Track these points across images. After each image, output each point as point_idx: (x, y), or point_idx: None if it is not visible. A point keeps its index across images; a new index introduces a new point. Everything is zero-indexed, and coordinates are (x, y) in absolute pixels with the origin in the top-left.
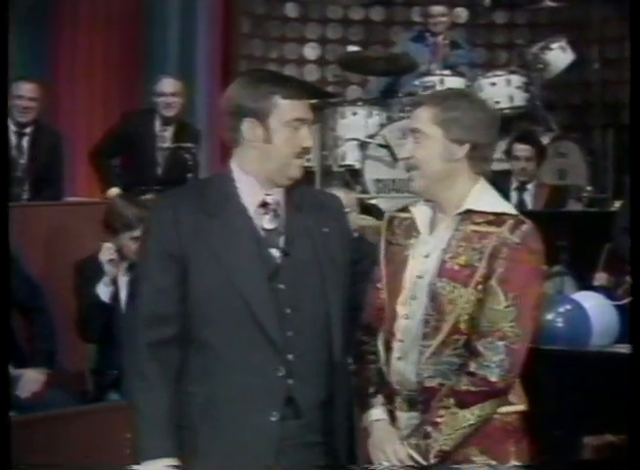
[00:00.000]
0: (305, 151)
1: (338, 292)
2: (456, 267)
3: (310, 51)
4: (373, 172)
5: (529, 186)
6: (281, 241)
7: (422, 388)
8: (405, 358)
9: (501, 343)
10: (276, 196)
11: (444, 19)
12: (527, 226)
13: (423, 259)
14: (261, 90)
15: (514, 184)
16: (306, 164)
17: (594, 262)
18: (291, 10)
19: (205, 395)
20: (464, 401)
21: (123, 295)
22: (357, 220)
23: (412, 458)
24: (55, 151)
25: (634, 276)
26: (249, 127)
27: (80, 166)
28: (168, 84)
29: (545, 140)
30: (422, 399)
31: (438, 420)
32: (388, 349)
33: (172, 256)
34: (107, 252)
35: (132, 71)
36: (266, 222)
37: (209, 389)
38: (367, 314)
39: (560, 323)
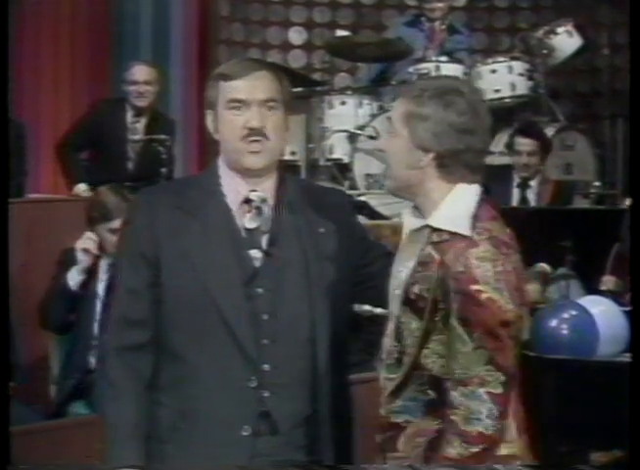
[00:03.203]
0: (252, 133)
1: (329, 297)
2: (412, 296)
3: (296, 35)
4: (363, 167)
5: (533, 182)
6: (263, 241)
7: (387, 424)
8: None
9: (482, 390)
10: (262, 193)
11: (442, 4)
12: (476, 249)
13: (395, 274)
14: (212, 79)
15: (515, 180)
16: (291, 157)
17: (602, 265)
18: None
19: (174, 406)
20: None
21: (101, 290)
22: None
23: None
24: (17, 144)
25: (634, 282)
26: (209, 120)
27: (45, 161)
28: (141, 71)
29: (550, 132)
30: (388, 437)
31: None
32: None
33: (144, 257)
34: (84, 241)
35: (101, 58)
36: (247, 221)
37: (179, 400)
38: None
39: (564, 330)
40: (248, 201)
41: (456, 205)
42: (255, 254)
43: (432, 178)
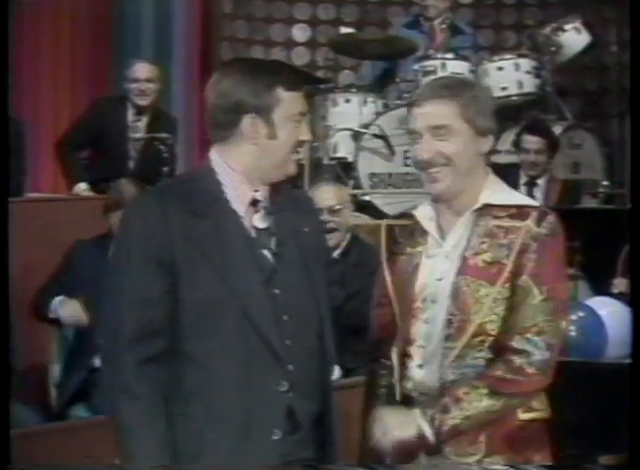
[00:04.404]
0: (302, 145)
1: (326, 294)
2: (481, 264)
3: (299, 32)
4: (367, 166)
5: (540, 181)
6: (272, 242)
7: (448, 393)
8: (427, 365)
9: (538, 338)
10: (264, 193)
11: (438, 3)
12: (552, 217)
13: (441, 261)
14: (262, 83)
15: (523, 179)
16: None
17: (611, 265)
18: None
19: (201, 416)
20: (495, 387)
21: None
22: (351, 219)
23: (419, 433)
24: (16, 142)
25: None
26: (249, 124)
27: (45, 160)
28: (142, 69)
29: (557, 130)
30: (447, 405)
31: (462, 396)
32: (405, 357)
33: (162, 262)
34: None
35: (102, 55)
36: (258, 221)
37: (207, 410)
38: (375, 333)
39: (572, 332)
40: (254, 202)
41: (502, 184)
42: (267, 254)
43: (480, 164)
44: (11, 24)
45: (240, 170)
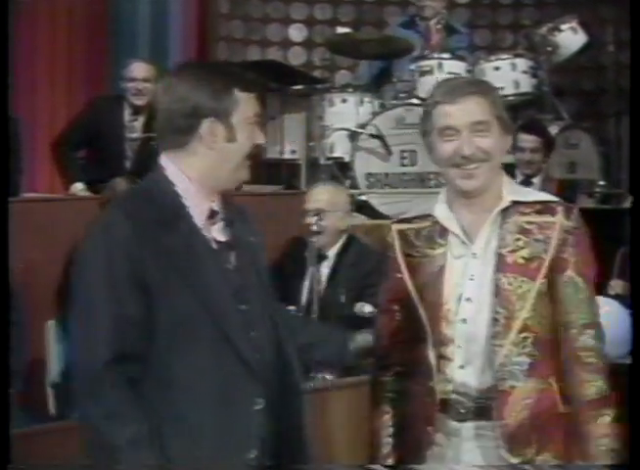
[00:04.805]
0: (258, 148)
1: (276, 305)
2: (520, 261)
3: (296, 32)
4: (364, 166)
5: (535, 180)
6: (232, 256)
7: (495, 392)
8: (469, 365)
9: (598, 331)
10: (218, 203)
11: (435, 3)
12: (576, 210)
13: (471, 260)
14: (219, 86)
15: (518, 178)
16: (291, 156)
17: (606, 265)
18: None
19: (179, 436)
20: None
21: None
22: (345, 221)
23: None
24: (13, 141)
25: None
26: (208, 128)
27: (41, 160)
28: (139, 69)
29: (554, 130)
30: (493, 406)
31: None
32: (441, 360)
33: (138, 279)
34: None
35: (98, 55)
36: (217, 233)
37: (185, 430)
38: (384, 339)
39: None
40: (213, 213)
41: (515, 183)
42: (231, 268)
43: (499, 163)
44: (10, 24)
45: (196, 178)
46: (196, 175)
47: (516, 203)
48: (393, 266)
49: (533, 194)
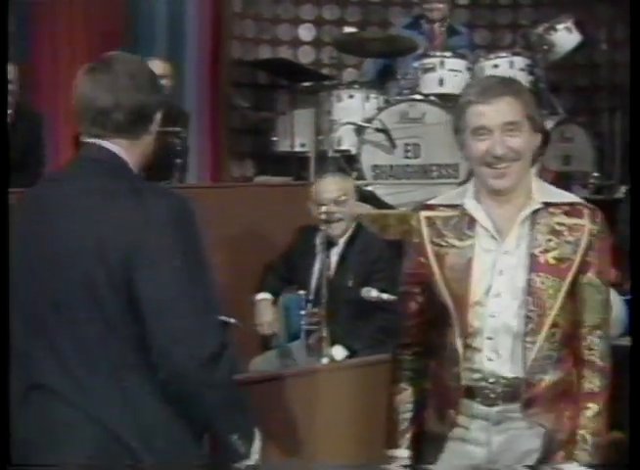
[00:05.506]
0: None
1: None
2: (552, 261)
3: (305, 32)
4: (370, 158)
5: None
6: None
7: (525, 382)
8: (498, 356)
9: (605, 332)
10: None
11: (441, 5)
12: (600, 213)
13: (501, 256)
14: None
15: None
16: (301, 149)
17: None
18: None
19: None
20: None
21: None
22: (356, 208)
23: None
24: (35, 135)
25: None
26: (158, 118)
27: (63, 154)
28: (155, 66)
29: (550, 125)
30: (522, 393)
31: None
32: (467, 349)
33: None
34: None
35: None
36: None
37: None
38: (408, 320)
39: None
40: None
41: (543, 182)
42: None
43: (529, 162)
44: (29, 21)
45: (137, 166)
46: (138, 163)
47: (546, 203)
48: (418, 251)
49: (562, 195)
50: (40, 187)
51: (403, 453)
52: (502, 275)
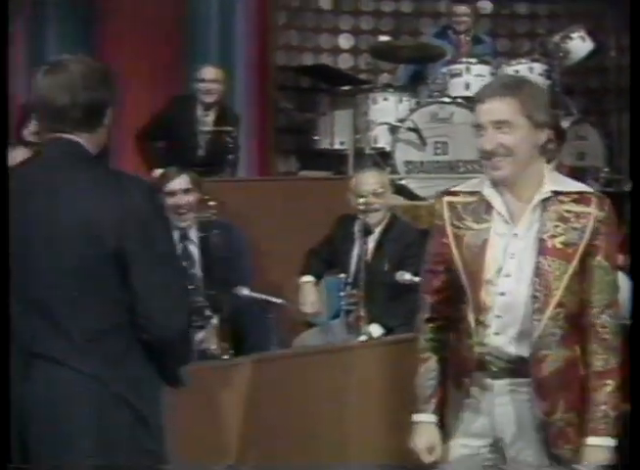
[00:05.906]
0: None
1: None
2: (559, 246)
3: (344, 41)
4: (403, 155)
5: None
6: None
7: (529, 357)
8: (503, 333)
9: (616, 311)
10: None
11: (467, 18)
12: (608, 201)
13: (512, 239)
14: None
15: None
16: (340, 147)
17: None
18: (325, 2)
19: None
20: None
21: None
22: (392, 200)
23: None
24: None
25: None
26: (110, 113)
27: (127, 149)
28: (209, 72)
29: (565, 124)
30: (527, 367)
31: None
32: (478, 324)
33: None
34: None
35: (176, 59)
36: None
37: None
38: (429, 297)
39: None
40: None
41: (557, 173)
42: None
43: (538, 156)
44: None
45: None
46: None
47: (555, 192)
48: (440, 232)
49: (572, 184)
50: (19, 180)
51: (430, 418)
52: (513, 258)
